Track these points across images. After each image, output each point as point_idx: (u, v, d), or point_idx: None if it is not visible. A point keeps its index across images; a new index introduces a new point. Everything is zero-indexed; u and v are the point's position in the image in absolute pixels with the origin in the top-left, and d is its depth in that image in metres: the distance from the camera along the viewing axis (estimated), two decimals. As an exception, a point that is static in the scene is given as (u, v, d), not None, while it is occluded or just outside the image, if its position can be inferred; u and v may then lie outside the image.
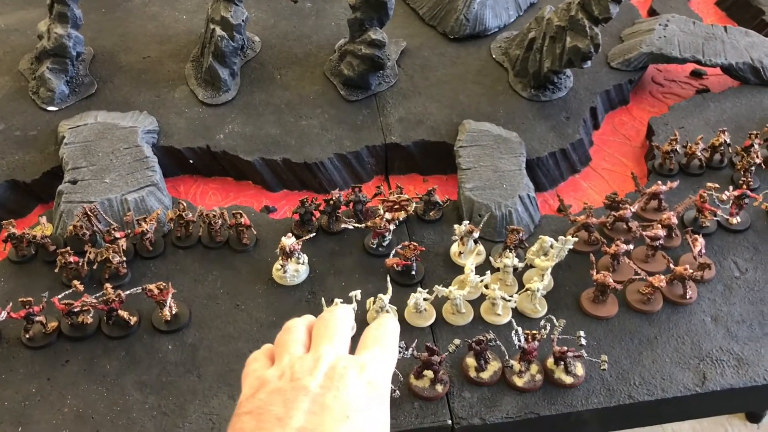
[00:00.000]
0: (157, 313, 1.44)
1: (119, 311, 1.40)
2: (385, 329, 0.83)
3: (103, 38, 2.13)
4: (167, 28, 2.18)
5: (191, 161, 1.83)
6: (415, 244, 1.49)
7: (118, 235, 1.51)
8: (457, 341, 1.34)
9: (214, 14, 1.92)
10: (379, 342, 0.80)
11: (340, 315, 0.84)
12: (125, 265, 1.52)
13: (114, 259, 1.48)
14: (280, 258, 1.51)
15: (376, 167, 1.87)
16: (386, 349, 0.80)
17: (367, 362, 0.75)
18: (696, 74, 2.16)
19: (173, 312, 1.43)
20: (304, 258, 1.53)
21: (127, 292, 1.40)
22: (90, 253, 1.50)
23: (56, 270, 1.49)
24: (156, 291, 1.39)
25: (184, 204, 1.58)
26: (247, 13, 1.94)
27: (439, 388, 1.34)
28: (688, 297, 1.48)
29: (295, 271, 1.52)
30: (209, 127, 1.86)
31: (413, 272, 1.52)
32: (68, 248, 1.49)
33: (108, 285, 1.41)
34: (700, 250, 1.50)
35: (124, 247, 1.52)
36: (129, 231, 1.55)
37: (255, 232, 1.60)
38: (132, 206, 1.60)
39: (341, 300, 1.41)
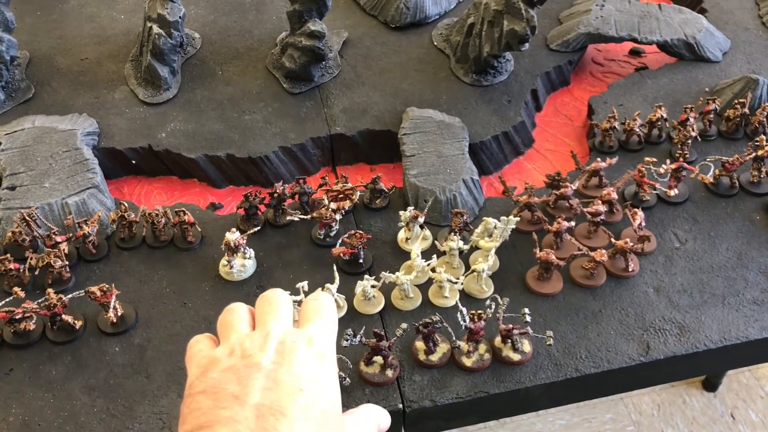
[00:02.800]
0: (102, 316, 1.42)
1: (63, 316, 1.38)
2: (322, 299, 0.85)
3: (39, 41, 2.09)
4: (105, 29, 2.15)
5: (134, 162, 1.81)
6: (361, 232, 1.50)
7: (59, 239, 1.49)
8: (404, 325, 1.35)
9: (151, 12, 1.90)
10: (319, 312, 0.81)
11: (280, 292, 0.86)
12: (68, 270, 1.50)
13: (56, 264, 1.46)
14: (225, 254, 1.50)
15: (323, 158, 1.87)
16: (327, 318, 0.81)
17: (313, 334, 0.76)
18: (634, 53, 2.20)
19: (119, 314, 1.42)
20: (251, 252, 1.52)
21: (70, 295, 1.39)
22: (31, 258, 1.48)
23: (-4, 278, 1.46)
24: (99, 293, 1.37)
25: (126, 205, 1.56)
26: (184, 9, 1.92)
27: (390, 373, 1.35)
28: (630, 270, 1.51)
29: (242, 266, 1.51)
30: (151, 126, 1.84)
31: (361, 260, 1.52)
32: (8, 255, 1.46)
33: (50, 290, 1.38)
34: (640, 224, 1.53)
35: (66, 251, 1.50)
36: (70, 234, 1.53)
37: (200, 230, 1.59)
38: (73, 210, 1.58)
39: (288, 292, 1.41)
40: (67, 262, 1.49)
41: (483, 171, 1.82)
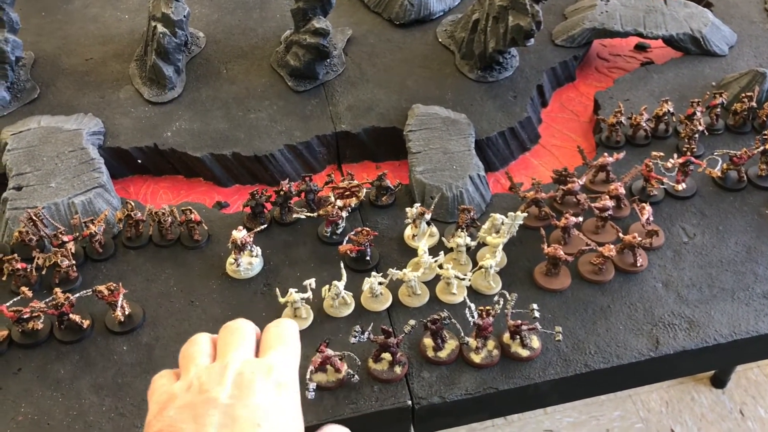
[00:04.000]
0: (110, 315, 1.42)
1: (71, 315, 1.38)
2: (285, 326, 0.82)
3: (44, 42, 2.09)
4: (109, 29, 2.15)
5: (140, 161, 1.81)
6: (367, 229, 1.49)
7: (66, 238, 1.49)
8: (412, 322, 1.35)
9: (155, 11, 1.90)
10: (281, 339, 0.79)
11: (243, 322, 0.84)
12: (75, 269, 1.50)
13: (63, 263, 1.46)
14: (232, 252, 1.50)
15: (328, 156, 1.87)
16: (289, 346, 0.79)
17: (273, 363, 0.75)
18: (640, 47, 2.19)
19: (126, 312, 1.42)
20: (258, 251, 1.52)
21: (77, 295, 1.39)
22: (38, 258, 1.48)
23: (4, 278, 1.46)
24: (106, 292, 1.37)
25: (133, 204, 1.56)
26: (188, 8, 1.92)
27: (398, 369, 1.34)
28: (638, 265, 1.51)
29: (249, 264, 1.51)
30: (156, 126, 1.84)
31: (368, 258, 1.52)
32: (15, 255, 1.46)
33: (58, 290, 1.38)
34: (648, 218, 1.53)
35: (73, 251, 1.50)
36: (77, 234, 1.53)
37: (206, 228, 1.59)
38: (79, 209, 1.58)
39: (296, 290, 1.41)
40: (74, 262, 1.49)
41: (489, 167, 1.82)
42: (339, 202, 1.55)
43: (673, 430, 2.87)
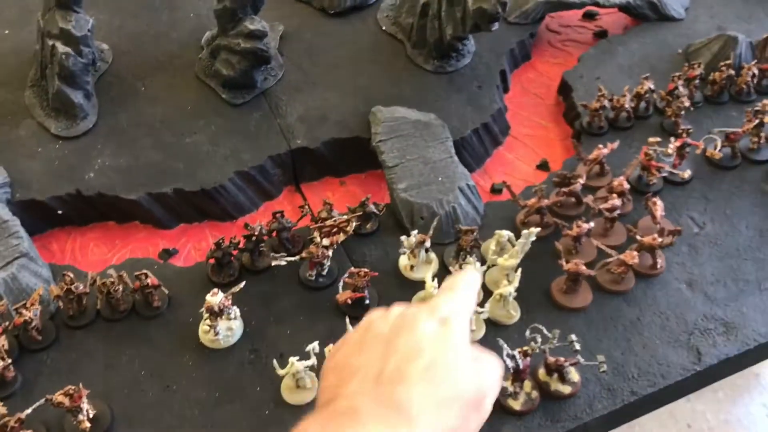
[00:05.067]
0: (70, 422, 1.15)
1: (20, 435, 1.10)
2: (462, 276, 0.80)
3: None
4: (-13, 49, 1.78)
5: (60, 212, 1.50)
6: (365, 270, 1.28)
7: (-7, 333, 1.19)
8: (445, 380, 1.15)
9: (50, 27, 1.57)
10: (452, 287, 0.78)
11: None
12: (11, 368, 1.20)
13: (-5, 366, 1.16)
14: (207, 318, 1.25)
15: (284, 177, 1.62)
16: (458, 291, 0.77)
17: (438, 304, 0.74)
18: (588, 16, 2.06)
19: (90, 416, 1.15)
20: (236, 311, 1.28)
21: (28, 410, 1.10)
22: (-40, 363, 1.17)
23: None
24: (66, 401, 1.10)
25: (71, 275, 1.27)
26: (91, 20, 1.60)
27: None
28: (658, 267, 1.38)
29: (228, 329, 1.27)
30: (74, 166, 1.53)
31: (367, 301, 1.31)
32: (-70, 366, 1.15)
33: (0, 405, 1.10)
34: (661, 214, 1.40)
35: (5, 346, 1.20)
36: (7, 323, 1.22)
37: (166, 291, 1.32)
38: (2, 290, 1.27)
39: (297, 358, 1.19)
40: (9, 360, 1.19)
41: (467, 169, 1.63)
42: (325, 241, 1.32)
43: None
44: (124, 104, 1.66)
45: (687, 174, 1.51)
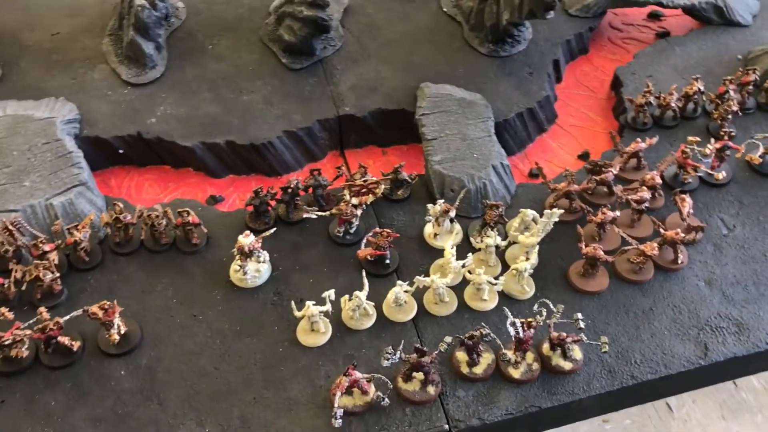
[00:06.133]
0: (103, 335, 1.26)
1: (59, 338, 1.22)
2: None
3: (2, 15, 1.86)
4: (76, -1, 1.92)
5: (121, 151, 1.62)
6: (388, 231, 1.35)
7: (47, 248, 1.31)
8: (448, 339, 1.22)
9: (131, -20, 1.69)
10: None
11: None
12: (59, 282, 1.32)
13: (45, 277, 1.29)
14: (238, 258, 1.34)
15: (330, 142, 1.70)
16: None
17: None
18: (654, 16, 2.06)
19: (122, 332, 1.26)
20: (265, 255, 1.36)
21: (66, 317, 1.22)
22: (16, 271, 1.30)
23: (-23, 295, 1.29)
24: (100, 313, 1.21)
25: (121, 205, 1.39)
26: (168, -23, 1.71)
27: (431, 389, 1.22)
28: (680, 262, 1.40)
29: (256, 271, 1.36)
30: (138, 111, 1.65)
31: (387, 261, 1.37)
32: (-11, 269, 1.28)
33: (43, 309, 1.22)
34: (689, 211, 1.41)
35: (56, 261, 1.32)
36: (60, 242, 1.35)
37: (205, 230, 1.43)
38: (59, 212, 1.40)
39: (313, 302, 1.27)
40: (57, 274, 1.31)
41: (507, 151, 1.66)
42: (354, 200, 1.40)
43: (668, 403, 2.82)
44: (191, 59, 1.77)
45: (721, 176, 1.51)
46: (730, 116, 1.60)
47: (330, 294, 1.26)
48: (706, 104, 1.68)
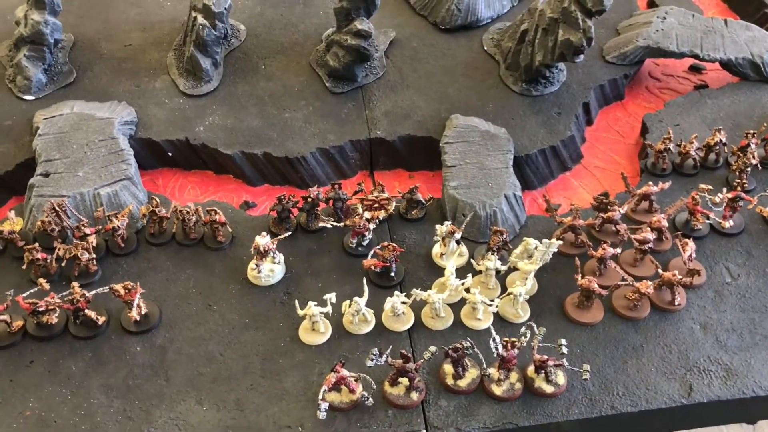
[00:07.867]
0: (125, 313, 1.39)
1: (86, 311, 1.36)
2: None
3: (85, 25, 2.07)
4: (150, 15, 2.11)
5: (170, 154, 1.78)
6: (394, 244, 1.44)
7: (88, 231, 1.46)
8: (433, 348, 1.29)
9: (197, 1, 1.86)
10: None
11: None
12: (95, 263, 1.47)
13: (83, 257, 1.43)
14: (254, 257, 1.46)
15: (360, 162, 1.81)
16: None
17: None
18: (695, 69, 2.09)
19: (142, 312, 1.39)
20: (280, 257, 1.48)
21: (93, 292, 1.36)
22: (59, 249, 1.46)
23: (24, 267, 1.44)
24: (122, 291, 1.34)
25: (158, 200, 1.53)
26: (230, 0, 1.87)
27: (415, 396, 1.29)
28: (676, 303, 1.43)
29: (270, 271, 1.47)
30: (189, 119, 1.80)
31: (392, 273, 1.46)
32: (36, 244, 1.44)
33: (75, 284, 1.36)
34: (690, 255, 1.45)
35: (95, 244, 1.47)
36: (100, 227, 1.50)
37: (231, 230, 1.55)
38: (104, 201, 1.55)
39: (315, 303, 1.37)
40: (94, 255, 1.46)
41: (526, 185, 1.75)
42: (367, 214, 1.50)
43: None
44: (244, 77, 1.93)
45: (727, 225, 1.54)
46: (749, 169, 1.63)
47: (331, 297, 1.36)
48: (729, 156, 1.71)
